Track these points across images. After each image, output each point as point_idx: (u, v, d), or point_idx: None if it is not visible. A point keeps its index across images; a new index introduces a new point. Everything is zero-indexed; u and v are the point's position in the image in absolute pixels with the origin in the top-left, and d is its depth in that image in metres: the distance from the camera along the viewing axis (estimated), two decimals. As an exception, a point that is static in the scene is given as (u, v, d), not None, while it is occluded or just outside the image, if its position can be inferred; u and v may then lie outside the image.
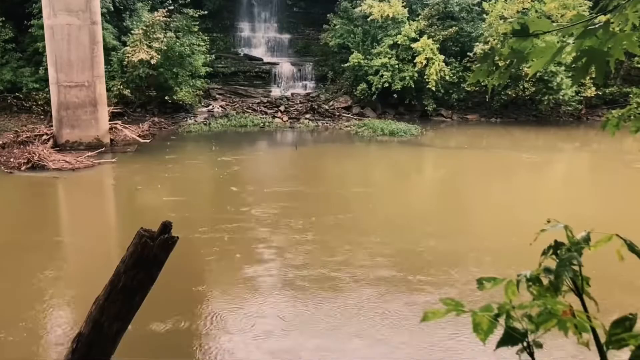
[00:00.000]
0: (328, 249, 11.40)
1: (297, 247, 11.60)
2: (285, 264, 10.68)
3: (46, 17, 19.75)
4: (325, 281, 9.90)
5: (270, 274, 10.22)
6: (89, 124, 20.52)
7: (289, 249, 11.43)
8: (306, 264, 10.64)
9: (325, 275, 10.13)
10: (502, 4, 28.27)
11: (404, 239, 12.12)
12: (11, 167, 17.50)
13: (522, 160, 21.38)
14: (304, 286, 9.72)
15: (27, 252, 11.24)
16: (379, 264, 10.71)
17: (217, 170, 18.63)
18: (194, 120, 27.34)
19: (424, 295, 9.45)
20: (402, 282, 9.95)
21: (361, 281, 9.92)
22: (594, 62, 2.48)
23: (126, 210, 15.18)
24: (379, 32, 29.36)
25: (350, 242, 11.82)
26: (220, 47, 34.65)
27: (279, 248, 11.47)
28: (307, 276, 10.10)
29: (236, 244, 11.76)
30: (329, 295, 9.41)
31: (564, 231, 2.08)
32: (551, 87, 26.97)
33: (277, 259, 10.94)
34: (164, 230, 3.76)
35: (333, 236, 12.20)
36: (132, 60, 24.85)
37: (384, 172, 20.29)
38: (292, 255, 11.12)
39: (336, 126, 27.45)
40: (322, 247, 11.57)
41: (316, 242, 11.86)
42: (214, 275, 10.53)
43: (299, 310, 8.90)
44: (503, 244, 11.59)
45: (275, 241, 11.87)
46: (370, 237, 12.23)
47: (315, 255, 11.12)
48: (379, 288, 9.66)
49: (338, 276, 10.10)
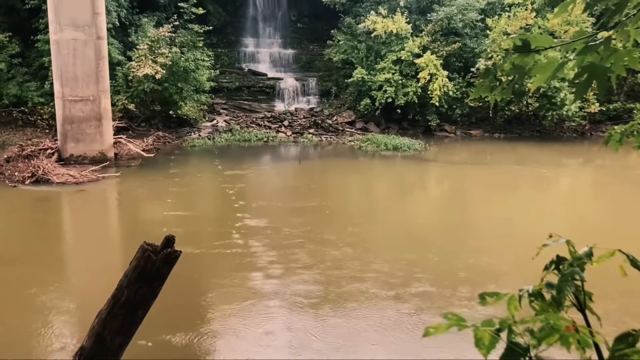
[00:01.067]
0: (336, 263, 11.37)
1: (305, 260, 11.56)
2: (300, 279, 10.59)
3: (52, 32, 19.94)
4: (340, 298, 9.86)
5: (286, 289, 10.13)
6: (94, 138, 20.62)
7: (298, 263, 11.39)
8: (316, 279, 10.60)
9: (337, 291, 10.10)
10: (506, 20, 28.41)
11: (419, 254, 12.08)
12: (15, 181, 17.56)
13: (527, 176, 21.37)
14: (311, 304, 9.68)
15: (30, 265, 11.24)
16: (395, 279, 10.67)
17: (221, 185, 18.66)
18: (198, 134, 27.44)
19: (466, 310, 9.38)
20: (438, 297, 9.90)
21: (394, 298, 9.85)
22: (596, 78, 2.49)
23: (129, 224, 15.19)
24: (383, 47, 29.51)
25: (362, 258, 11.77)
26: (225, 63, 34.89)
27: (286, 263, 11.43)
28: (320, 290, 10.07)
29: (244, 258, 11.73)
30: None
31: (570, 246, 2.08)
32: (555, 103, 27.00)
33: (288, 274, 10.86)
34: (167, 244, 3.78)
35: (343, 252, 12.16)
36: (137, 75, 25.03)
37: (389, 187, 20.27)
38: (301, 268, 11.08)
39: (340, 141, 27.51)
40: (332, 262, 11.54)
41: (326, 256, 11.82)
42: (218, 290, 10.47)
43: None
44: (515, 258, 11.55)
45: (282, 257, 11.83)
46: (383, 252, 12.21)
47: (329, 270, 11.07)
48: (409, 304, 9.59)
49: (353, 292, 10.06)
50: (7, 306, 9.46)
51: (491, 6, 30.64)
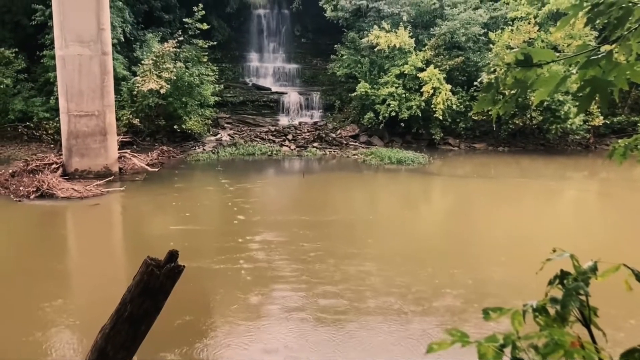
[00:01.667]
0: (359, 278, 11.32)
1: (326, 274, 11.52)
2: (322, 293, 10.54)
3: (58, 48, 20.09)
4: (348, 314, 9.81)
5: (309, 304, 10.09)
6: (99, 153, 20.69)
7: (319, 277, 11.34)
8: (340, 294, 10.55)
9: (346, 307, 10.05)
10: (509, 34, 28.50)
11: (438, 268, 12.02)
12: (20, 196, 17.60)
13: (532, 189, 21.32)
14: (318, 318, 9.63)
15: (35, 280, 11.24)
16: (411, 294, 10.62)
17: (225, 199, 18.67)
18: (202, 148, 27.52)
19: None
20: (462, 311, 9.82)
21: (420, 312, 9.80)
22: (598, 92, 2.49)
23: (134, 238, 15.19)
24: (386, 62, 29.62)
25: (383, 273, 11.72)
26: (229, 77, 35.10)
27: (307, 277, 11.38)
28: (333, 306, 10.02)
29: (252, 273, 11.69)
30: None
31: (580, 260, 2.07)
32: (558, 116, 26.97)
33: (309, 289, 10.78)
34: (171, 259, 3.77)
35: (352, 266, 12.11)
36: (142, 90, 25.17)
37: (396, 201, 20.18)
38: (323, 283, 11.03)
39: (343, 154, 27.53)
40: (353, 276, 11.49)
41: (346, 271, 11.76)
42: (224, 305, 10.43)
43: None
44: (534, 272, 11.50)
45: (301, 271, 11.79)
46: (402, 265, 12.17)
47: (352, 285, 11.01)
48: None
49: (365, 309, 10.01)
50: (11, 320, 9.44)
51: (494, 20, 30.78)
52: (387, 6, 30.49)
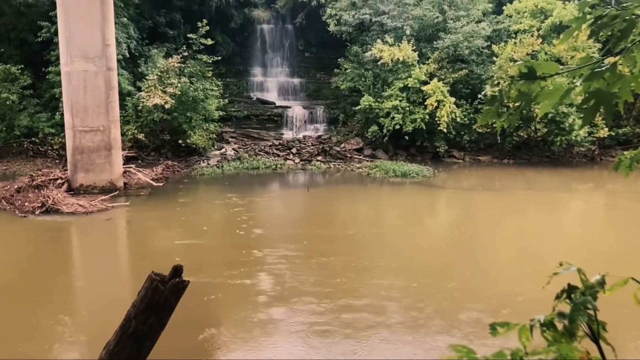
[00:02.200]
0: (382, 292, 11.27)
1: (346, 288, 11.48)
2: (346, 307, 10.50)
3: (63, 64, 20.23)
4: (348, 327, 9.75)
5: (333, 319, 10.00)
6: (104, 168, 20.75)
7: (340, 291, 11.30)
8: (364, 308, 10.50)
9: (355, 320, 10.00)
10: (512, 46, 28.57)
11: (460, 282, 11.97)
12: (25, 211, 17.63)
13: (538, 201, 21.24)
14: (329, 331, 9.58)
15: (40, 295, 11.24)
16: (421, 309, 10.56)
17: (230, 213, 18.66)
18: (207, 163, 27.57)
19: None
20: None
21: (447, 327, 9.77)
22: (602, 104, 2.49)
23: (138, 253, 15.17)
24: (390, 75, 29.70)
25: (407, 288, 11.67)
26: (234, 92, 35.27)
27: (313, 292, 11.32)
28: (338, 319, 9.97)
29: (258, 288, 11.65)
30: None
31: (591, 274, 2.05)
32: (563, 128, 26.92)
33: (330, 303, 10.74)
34: (175, 274, 3.75)
35: (369, 280, 12.06)
36: (147, 105, 25.29)
37: (404, 215, 20.06)
38: (345, 297, 10.97)
39: (348, 168, 27.53)
40: (376, 290, 11.44)
41: (368, 286, 11.71)
42: (231, 322, 10.37)
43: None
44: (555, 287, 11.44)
45: (306, 286, 11.74)
46: (424, 280, 12.13)
47: (375, 300, 10.95)
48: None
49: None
50: (16, 336, 9.42)
51: (497, 33, 30.87)
52: (390, 20, 30.62)
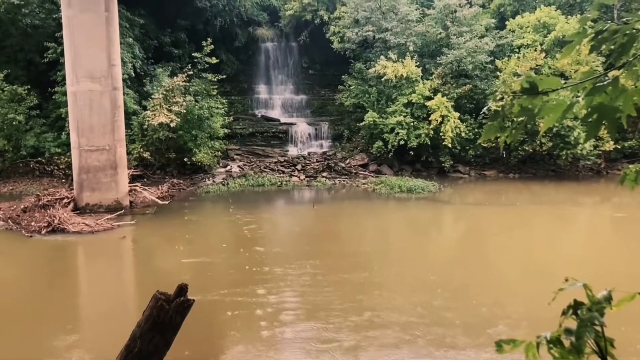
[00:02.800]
0: (409, 310, 11.21)
1: (371, 306, 11.42)
2: (374, 326, 10.44)
3: (69, 84, 20.39)
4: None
5: (360, 339, 9.90)
6: (109, 187, 20.81)
7: (365, 309, 11.25)
8: (390, 325, 10.44)
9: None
10: (515, 61, 28.66)
11: (490, 298, 11.92)
12: (32, 231, 17.68)
13: (544, 216, 21.15)
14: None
15: (45, 315, 11.22)
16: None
17: (236, 231, 18.63)
18: (212, 180, 27.62)
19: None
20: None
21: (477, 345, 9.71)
22: (606, 118, 2.48)
23: (144, 272, 15.15)
24: (393, 91, 29.81)
25: (431, 305, 11.60)
26: (238, 109, 35.46)
27: (332, 309, 11.27)
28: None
29: (266, 307, 11.59)
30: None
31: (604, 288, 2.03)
32: (568, 142, 26.88)
33: (340, 322, 10.68)
34: (180, 293, 3.75)
35: (389, 296, 12.00)
36: (152, 124, 25.42)
37: (410, 231, 19.96)
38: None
39: (353, 184, 27.51)
40: (403, 309, 11.37)
41: (395, 304, 11.65)
42: (239, 341, 10.31)
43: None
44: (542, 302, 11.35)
45: (324, 303, 11.69)
46: (450, 296, 12.08)
47: (404, 317, 10.89)
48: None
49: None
50: (21, 355, 9.39)
51: (500, 48, 31.00)
52: (393, 37, 30.80)
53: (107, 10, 20.09)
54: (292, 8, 36.29)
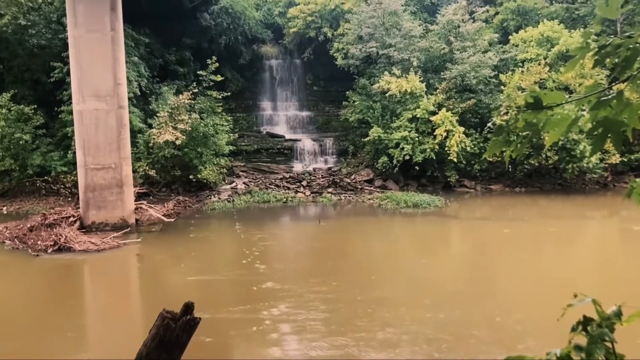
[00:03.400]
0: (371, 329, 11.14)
1: (392, 322, 11.35)
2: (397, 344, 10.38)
3: (75, 103, 20.53)
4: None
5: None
6: (115, 205, 20.84)
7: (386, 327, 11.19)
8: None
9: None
10: (519, 75, 28.71)
11: (511, 316, 11.84)
12: (38, 250, 17.67)
13: (552, 230, 20.97)
14: None
15: (52, 334, 11.18)
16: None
17: (242, 248, 18.58)
18: (217, 197, 27.64)
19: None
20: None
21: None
22: (611, 132, 2.47)
23: (150, 290, 15.12)
24: (398, 106, 29.87)
25: (452, 321, 11.53)
26: (243, 126, 35.62)
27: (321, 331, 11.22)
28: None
29: (274, 324, 11.54)
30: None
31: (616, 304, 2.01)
32: (574, 155, 26.78)
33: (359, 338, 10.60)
34: (187, 311, 3.73)
35: (378, 312, 11.93)
36: (158, 142, 25.52)
37: (416, 247, 19.87)
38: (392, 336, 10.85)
39: (359, 199, 27.47)
40: (423, 325, 11.30)
41: (415, 321, 11.58)
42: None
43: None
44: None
45: (314, 323, 11.63)
46: (469, 313, 12.03)
47: (424, 334, 10.82)
48: None
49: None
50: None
51: (504, 62, 31.08)
52: (397, 52, 30.94)
53: (113, 29, 20.29)
54: (295, 25, 36.56)
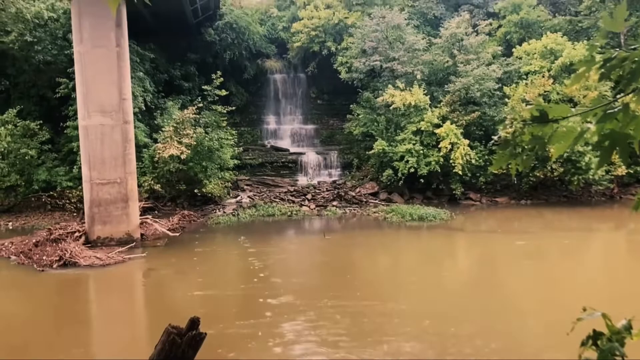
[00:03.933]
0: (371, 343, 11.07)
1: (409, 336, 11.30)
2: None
3: (81, 119, 20.64)
4: None
5: None
6: (121, 220, 20.87)
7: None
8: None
9: None
10: (523, 87, 28.72)
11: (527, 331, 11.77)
12: (43, 265, 17.67)
13: (558, 242, 20.85)
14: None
15: (58, 350, 11.15)
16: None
17: (247, 262, 18.52)
18: (222, 211, 27.65)
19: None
20: None
21: None
22: (617, 145, 2.46)
23: (156, 305, 15.08)
24: (402, 119, 29.90)
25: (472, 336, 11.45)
26: (248, 140, 35.72)
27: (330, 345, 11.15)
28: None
29: (279, 338, 11.48)
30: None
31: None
32: (580, 167, 26.70)
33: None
34: (192, 326, 3.71)
35: (386, 327, 11.87)
36: (163, 156, 25.60)
37: (423, 260, 19.72)
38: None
39: (364, 212, 27.41)
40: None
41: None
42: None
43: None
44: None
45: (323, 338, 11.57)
46: (483, 325, 11.98)
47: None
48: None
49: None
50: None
51: (508, 75, 31.11)
52: (400, 66, 31.03)
53: (118, 45, 20.43)
54: (299, 40, 36.75)
